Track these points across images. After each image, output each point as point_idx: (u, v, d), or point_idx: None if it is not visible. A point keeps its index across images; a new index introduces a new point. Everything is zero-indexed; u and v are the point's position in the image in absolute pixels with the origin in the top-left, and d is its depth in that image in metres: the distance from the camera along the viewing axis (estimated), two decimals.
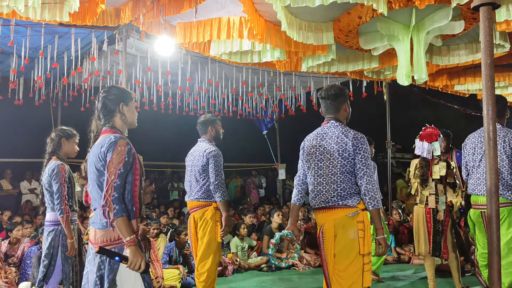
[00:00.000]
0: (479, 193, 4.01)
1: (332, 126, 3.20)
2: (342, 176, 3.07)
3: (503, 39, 5.19)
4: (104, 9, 4.67)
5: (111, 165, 2.41)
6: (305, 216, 8.52)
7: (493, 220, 2.19)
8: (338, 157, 3.08)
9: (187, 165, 4.48)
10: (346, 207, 3.05)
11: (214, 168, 4.19)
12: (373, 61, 6.21)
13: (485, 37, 2.20)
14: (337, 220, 3.05)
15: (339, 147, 3.09)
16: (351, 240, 3.01)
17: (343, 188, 3.06)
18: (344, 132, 3.13)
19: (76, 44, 6.16)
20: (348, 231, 3.03)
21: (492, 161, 2.19)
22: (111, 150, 2.44)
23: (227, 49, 5.35)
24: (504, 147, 3.90)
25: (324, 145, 3.17)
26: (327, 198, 3.11)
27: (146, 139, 9.25)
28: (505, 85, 7.63)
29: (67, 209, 3.88)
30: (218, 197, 4.17)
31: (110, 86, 2.75)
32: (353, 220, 3.04)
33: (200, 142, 4.45)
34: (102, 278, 2.44)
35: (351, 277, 3.00)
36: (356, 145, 3.07)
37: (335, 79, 8.75)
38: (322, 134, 3.23)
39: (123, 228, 2.37)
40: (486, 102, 2.20)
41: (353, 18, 4.70)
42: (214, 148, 4.30)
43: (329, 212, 3.11)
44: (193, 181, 4.33)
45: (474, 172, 4.12)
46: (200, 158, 4.26)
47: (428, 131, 4.89)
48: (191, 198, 4.36)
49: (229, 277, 6.23)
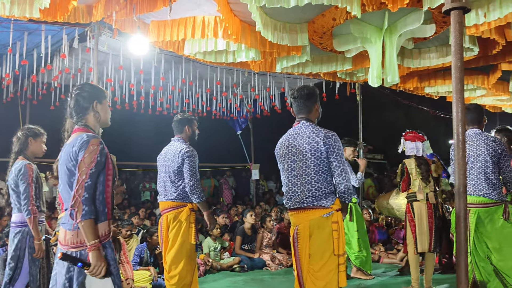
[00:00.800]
0: (472, 194, 4.16)
1: (303, 126, 3.21)
2: (316, 176, 3.08)
3: (472, 43, 5.33)
4: (76, 5, 4.56)
5: (82, 165, 2.35)
6: (278, 216, 8.55)
7: (460, 220, 2.23)
8: (311, 157, 3.09)
9: (160, 165, 4.38)
10: (321, 207, 3.07)
11: (189, 169, 4.11)
12: (346, 63, 6.28)
13: (456, 40, 2.25)
14: (313, 221, 3.06)
15: (311, 147, 3.09)
16: (326, 240, 3.03)
17: (317, 188, 3.07)
18: (315, 132, 3.13)
19: (46, 41, 6.00)
20: (323, 231, 3.04)
21: (461, 162, 2.24)
22: (83, 149, 2.38)
23: (201, 48, 5.31)
24: (487, 149, 4.06)
25: (296, 145, 3.17)
26: (302, 199, 3.11)
27: (117, 138, 9.09)
28: (473, 88, 7.84)
29: (34, 210, 3.77)
30: (196, 199, 4.10)
31: (83, 84, 2.70)
32: (328, 221, 3.05)
33: (174, 142, 4.36)
34: (71, 280, 2.38)
35: (326, 277, 3.02)
36: (328, 144, 3.07)
37: (309, 80, 8.82)
38: (293, 135, 3.23)
39: (88, 231, 2.32)
40: (455, 104, 2.24)
41: (327, 20, 4.74)
42: (190, 148, 4.22)
43: (304, 213, 3.12)
44: (168, 182, 4.24)
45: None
46: (175, 158, 4.17)
47: (410, 135, 5.12)
48: (165, 199, 4.26)
49: (201, 278, 6.19)
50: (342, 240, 3.10)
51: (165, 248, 4.24)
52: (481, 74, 7.16)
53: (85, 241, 2.37)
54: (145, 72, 7.41)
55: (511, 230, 4.06)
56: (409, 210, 5.10)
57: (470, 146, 4.17)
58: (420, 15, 4.51)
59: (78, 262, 2.33)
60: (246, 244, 7.23)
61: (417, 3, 4.17)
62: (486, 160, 4.07)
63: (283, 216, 8.19)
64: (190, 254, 4.17)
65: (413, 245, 5.03)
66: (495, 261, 4.06)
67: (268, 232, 7.50)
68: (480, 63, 6.32)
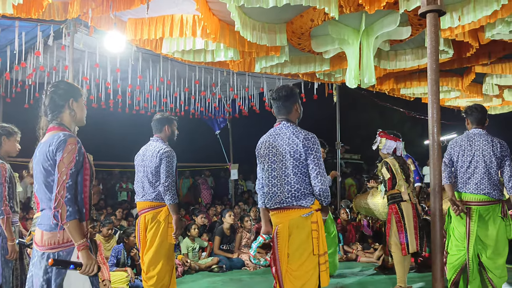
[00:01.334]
0: (467, 191, 4.27)
1: (284, 127, 3.19)
2: (295, 177, 3.08)
3: (447, 45, 5.44)
4: (51, 2, 4.47)
5: (62, 165, 2.30)
6: (257, 216, 8.56)
7: (436, 219, 2.28)
8: (290, 158, 3.08)
9: (137, 165, 4.32)
10: (300, 207, 3.07)
11: (165, 169, 4.06)
12: (325, 63, 6.33)
13: (431, 42, 2.29)
14: (292, 221, 3.07)
15: (291, 148, 3.09)
16: (305, 240, 3.03)
17: (296, 189, 3.08)
18: (295, 133, 3.13)
19: (20, 38, 5.86)
20: (302, 231, 3.05)
21: (436, 162, 2.28)
22: (61, 149, 2.33)
23: (179, 47, 5.27)
24: (493, 151, 4.18)
25: (276, 146, 3.16)
26: (281, 199, 3.11)
27: (93, 137, 8.94)
28: (448, 90, 8.01)
29: (7, 210, 3.68)
30: (168, 200, 4.04)
31: (58, 81, 2.66)
32: (307, 221, 3.06)
33: (152, 141, 4.29)
34: (49, 282, 2.33)
35: (303, 276, 3.02)
36: (307, 146, 3.07)
37: (288, 80, 8.86)
38: (274, 135, 3.22)
39: (75, 231, 2.29)
40: (431, 106, 2.29)
41: (306, 20, 4.77)
42: (168, 148, 4.17)
43: (284, 213, 3.12)
44: (146, 182, 4.18)
45: (464, 172, 4.32)
46: (153, 158, 4.12)
47: (384, 134, 5.17)
48: (143, 199, 4.21)
49: (179, 278, 6.14)
50: (322, 239, 3.10)
51: (142, 249, 4.18)
52: (455, 76, 7.32)
53: (63, 241, 2.33)
54: (122, 71, 7.31)
55: (506, 229, 4.23)
56: (397, 211, 5.06)
57: (474, 145, 4.25)
58: (396, 18, 4.58)
59: (70, 264, 2.30)
60: (225, 244, 7.21)
61: (393, 6, 4.23)
62: (491, 161, 4.18)
63: None
64: (168, 254, 4.14)
65: (400, 245, 5.01)
66: (484, 258, 4.17)
67: (247, 232, 7.50)
68: (455, 65, 6.46)
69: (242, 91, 9.68)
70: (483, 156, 4.20)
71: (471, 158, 4.25)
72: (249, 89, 9.39)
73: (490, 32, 4.94)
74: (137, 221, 4.28)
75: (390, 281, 5.68)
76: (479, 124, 4.33)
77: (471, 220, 4.21)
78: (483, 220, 4.21)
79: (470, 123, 4.37)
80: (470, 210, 4.24)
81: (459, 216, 4.27)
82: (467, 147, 4.29)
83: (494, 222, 4.20)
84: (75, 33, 5.88)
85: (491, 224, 4.20)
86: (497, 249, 4.18)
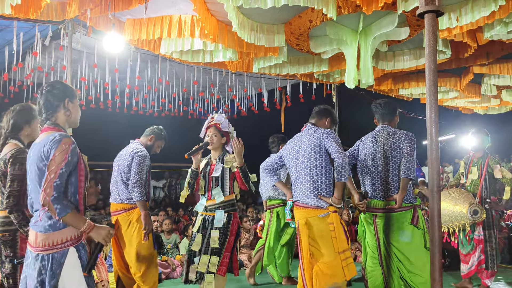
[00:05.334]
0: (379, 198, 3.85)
1: (307, 128, 3.69)
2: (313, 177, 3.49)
3: (445, 46, 5.44)
4: (49, 2, 4.46)
5: (52, 163, 2.29)
6: (255, 216, 8.55)
7: (434, 219, 2.28)
8: (311, 151, 3.50)
9: (114, 165, 4.38)
10: (318, 208, 3.43)
11: (136, 168, 4.09)
12: (323, 64, 6.33)
13: (429, 43, 2.29)
14: (310, 219, 3.45)
15: (311, 143, 3.53)
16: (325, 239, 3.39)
17: (315, 189, 3.47)
18: (316, 131, 3.60)
19: (18, 38, 5.86)
20: (320, 231, 3.42)
21: (434, 163, 2.28)
22: (54, 148, 2.32)
23: (178, 47, 5.27)
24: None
25: (300, 144, 3.63)
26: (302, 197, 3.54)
27: (92, 138, 8.94)
28: (446, 90, 8.02)
29: None
30: (136, 196, 4.07)
31: (54, 81, 2.64)
32: (324, 221, 3.41)
33: (131, 143, 4.38)
34: (43, 283, 2.32)
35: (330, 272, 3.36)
36: (323, 137, 3.51)
37: (286, 81, 8.86)
38: (299, 137, 3.71)
39: (74, 222, 2.31)
40: (429, 106, 2.29)
41: (304, 21, 4.77)
42: (143, 150, 4.23)
43: (304, 210, 3.51)
44: (119, 181, 4.25)
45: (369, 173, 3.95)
46: (126, 157, 4.20)
47: None
48: (116, 200, 4.30)
49: (178, 278, 6.14)
50: (340, 238, 3.39)
51: (117, 251, 4.29)
52: (453, 77, 7.33)
53: (57, 243, 2.32)
54: (120, 71, 7.31)
55: (421, 239, 3.70)
56: None
57: (377, 142, 3.86)
58: (394, 18, 4.58)
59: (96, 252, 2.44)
60: None
61: (391, 6, 4.23)
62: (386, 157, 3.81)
63: (260, 216, 8.19)
64: (149, 250, 4.20)
65: None
66: (405, 275, 3.67)
67: (246, 233, 7.50)
68: (453, 65, 6.46)
69: (240, 92, 9.69)
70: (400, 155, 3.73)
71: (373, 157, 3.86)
72: (247, 89, 9.39)
73: (489, 33, 4.95)
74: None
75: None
76: (385, 121, 3.97)
77: (377, 230, 3.76)
78: (390, 229, 3.69)
79: (378, 120, 4.04)
80: (376, 218, 3.78)
81: (370, 227, 3.82)
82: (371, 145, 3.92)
83: (404, 231, 3.66)
84: (73, 34, 5.87)
85: (400, 234, 3.67)
86: (415, 264, 3.61)
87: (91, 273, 2.45)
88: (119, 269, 4.36)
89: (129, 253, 4.17)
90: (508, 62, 6.46)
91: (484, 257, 5.13)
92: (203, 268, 3.89)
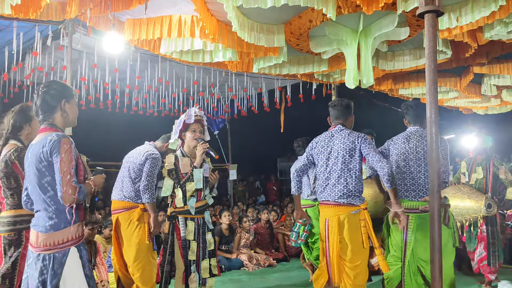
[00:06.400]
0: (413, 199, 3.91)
1: (339, 130, 3.79)
2: (347, 176, 3.61)
3: (445, 46, 5.44)
4: (49, 2, 4.46)
5: (63, 165, 2.31)
6: (255, 216, 8.56)
7: (434, 218, 2.28)
8: (346, 155, 3.62)
9: (124, 162, 4.41)
10: (350, 205, 3.58)
11: (148, 169, 4.15)
12: (323, 64, 6.33)
13: (429, 43, 2.29)
14: (342, 216, 3.57)
15: (346, 146, 3.64)
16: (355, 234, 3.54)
17: (348, 189, 3.59)
18: (350, 134, 3.71)
19: (18, 38, 5.85)
20: (351, 226, 3.55)
21: (435, 164, 2.28)
22: (56, 150, 2.32)
23: (178, 47, 5.27)
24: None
25: (332, 145, 3.72)
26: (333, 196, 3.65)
27: (91, 138, 8.94)
28: (446, 90, 8.02)
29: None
30: (146, 199, 4.12)
31: (51, 81, 2.63)
32: (355, 217, 3.57)
33: (145, 144, 4.42)
34: (45, 283, 2.32)
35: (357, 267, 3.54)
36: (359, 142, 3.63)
37: (286, 81, 8.86)
38: (329, 137, 3.79)
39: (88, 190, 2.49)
40: (429, 106, 2.28)
41: (304, 21, 4.77)
42: (157, 153, 4.27)
43: (335, 208, 3.61)
44: (126, 178, 4.26)
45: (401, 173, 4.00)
46: (139, 156, 4.23)
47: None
48: (119, 198, 4.30)
49: None
50: (371, 234, 3.58)
51: (116, 247, 4.28)
52: (453, 77, 7.33)
53: (59, 242, 2.33)
54: (120, 71, 7.30)
55: (449, 237, 3.82)
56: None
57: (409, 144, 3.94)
58: (394, 18, 4.58)
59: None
60: (223, 244, 7.21)
61: (391, 6, 4.23)
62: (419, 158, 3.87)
63: (260, 216, 8.20)
64: (149, 249, 4.21)
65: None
66: (426, 273, 3.72)
67: (245, 233, 7.50)
68: (453, 65, 6.46)
69: (240, 92, 9.68)
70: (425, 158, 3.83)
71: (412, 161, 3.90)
72: (247, 89, 9.39)
73: (489, 33, 4.95)
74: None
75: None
76: (416, 123, 4.08)
77: (408, 229, 3.79)
78: (422, 229, 3.74)
79: (408, 122, 4.15)
80: (408, 219, 3.78)
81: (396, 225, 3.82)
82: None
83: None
84: (73, 34, 5.87)
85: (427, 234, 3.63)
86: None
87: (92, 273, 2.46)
88: (119, 268, 4.37)
89: (128, 253, 4.17)
90: (508, 62, 6.46)
91: (486, 254, 5.22)
92: (206, 273, 3.87)
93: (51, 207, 2.35)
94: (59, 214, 2.36)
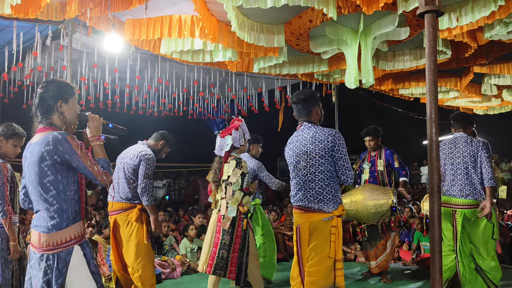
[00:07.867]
0: (452, 194, 4.49)
1: (306, 128, 3.34)
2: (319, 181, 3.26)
3: (445, 46, 5.44)
4: (49, 2, 4.46)
5: (86, 160, 2.37)
6: None
7: (434, 219, 2.27)
8: (316, 156, 3.23)
9: (117, 162, 4.39)
10: (321, 212, 3.23)
11: (144, 171, 4.14)
12: (323, 64, 6.33)
13: (429, 43, 2.29)
14: (313, 223, 3.25)
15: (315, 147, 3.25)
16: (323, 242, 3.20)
17: (319, 194, 3.23)
18: (318, 132, 3.26)
19: (18, 38, 5.86)
20: (321, 233, 3.22)
21: (435, 163, 2.28)
22: (66, 148, 2.30)
23: (178, 47, 5.27)
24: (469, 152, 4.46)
25: (300, 146, 3.32)
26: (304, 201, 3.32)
27: None
28: (446, 90, 8.03)
29: (10, 210, 3.66)
30: (145, 201, 4.13)
31: (48, 81, 2.53)
32: (327, 224, 3.21)
33: (139, 144, 4.39)
34: (50, 283, 2.30)
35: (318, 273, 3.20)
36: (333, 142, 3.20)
37: (286, 81, 8.86)
38: (297, 137, 3.37)
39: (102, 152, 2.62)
40: (429, 106, 2.28)
41: (304, 21, 4.77)
42: (150, 153, 4.26)
43: (306, 214, 3.29)
44: (122, 180, 4.25)
45: (448, 175, 4.55)
46: (133, 158, 4.20)
47: (231, 126, 4.69)
48: (116, 199, 4.29)
49: (178, 279, 6.14)
50: (339, 245, 3.24)
51: (114, 248, 4.28)
52: (454, 77, 7.33)
53: (61, 242, 2.32)
54: (120, 71, 7.31)
55: (491, 231, 4.39)
56: None
57: (456, 148, 4.51)
58: (394, 18, 4.58)
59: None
60: None
61: (391, 6, 4.23)
62: (465, 162, 4.41)
63: None
64: (148, 250, 4.21)
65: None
66: (477, 258, 4.38)
67: None
68: (453, 65, 6.46)
69: (240, 92, 9.69)
70: (463, 157, 4.44)
71: (460, 160, 4.48)
72: (247, 89, 9.39)
73: (489, 33, 4.95)
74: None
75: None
76: (459, 128, 4.66)
77: (457, 224, 4.43)
78: (468, 223, 4.40)
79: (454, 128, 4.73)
80: (456, 214, 4.44)
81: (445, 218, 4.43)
82: (455, 149, 4.55)
83: (479, 224, 4.39)
84: (73, 34, 5.88)
85: (476, 227, 4.39)
86: (484, 251, 4.37)
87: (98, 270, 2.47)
88: (117, 269, 4.36)
89: (127, 253, 4.17)
90: (508, 62, 6.46)
91: None
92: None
93: (53, 207, 2.33)
94: (61, 214, 2.34)
